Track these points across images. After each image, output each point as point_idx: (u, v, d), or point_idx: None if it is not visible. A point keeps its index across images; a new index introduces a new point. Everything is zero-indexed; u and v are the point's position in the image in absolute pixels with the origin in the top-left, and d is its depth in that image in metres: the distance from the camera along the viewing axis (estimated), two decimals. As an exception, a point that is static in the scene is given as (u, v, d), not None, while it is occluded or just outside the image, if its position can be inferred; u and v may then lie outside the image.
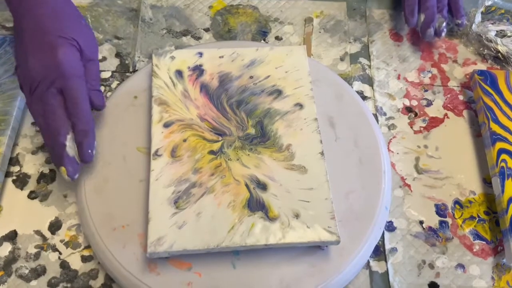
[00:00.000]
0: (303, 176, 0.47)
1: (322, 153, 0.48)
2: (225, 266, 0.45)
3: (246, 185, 0.47)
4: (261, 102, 0.52)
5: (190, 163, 0.48)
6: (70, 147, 0.47)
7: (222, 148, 0.49)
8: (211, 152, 0.49)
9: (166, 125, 0.50)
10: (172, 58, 0.54)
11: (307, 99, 0.52)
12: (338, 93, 0.55)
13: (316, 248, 0.46)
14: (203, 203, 0.46)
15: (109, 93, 0.57)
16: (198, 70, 0.54)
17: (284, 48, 0.56)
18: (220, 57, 0.55)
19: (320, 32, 0.64)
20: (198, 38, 0.63)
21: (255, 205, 0.46)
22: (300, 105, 0.52)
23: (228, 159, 0.48)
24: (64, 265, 0.48)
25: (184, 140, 0.49)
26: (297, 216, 0.45)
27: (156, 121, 0.50)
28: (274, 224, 0.45)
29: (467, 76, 0.61)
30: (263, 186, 0.47)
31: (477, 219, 0.51)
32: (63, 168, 0.46)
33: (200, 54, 0.55)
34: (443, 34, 0.61)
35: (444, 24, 0.60)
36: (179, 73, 0.53)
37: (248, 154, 0.49)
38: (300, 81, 0.53)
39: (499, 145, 0.52)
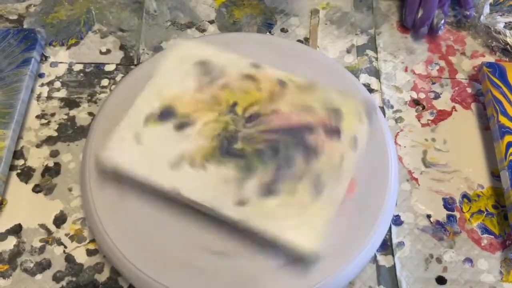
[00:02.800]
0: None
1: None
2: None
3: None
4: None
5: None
6: None
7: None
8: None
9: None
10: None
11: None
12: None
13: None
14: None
15: (113, 86, 0.57)
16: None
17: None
18: None
19: (326, 24, 0.63)
20: (203, 31, 0.62)
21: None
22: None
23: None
24: (69, 259, 0.47)
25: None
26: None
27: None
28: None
29: (475, 69, 0.60)
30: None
31: (485, 213, 0.51)
32: None
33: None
34: (441, 31, 0.61)
35: (443, 21, 0.60)
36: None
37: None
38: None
39: (508, 138, 0.51)
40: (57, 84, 0.58)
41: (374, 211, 0.47)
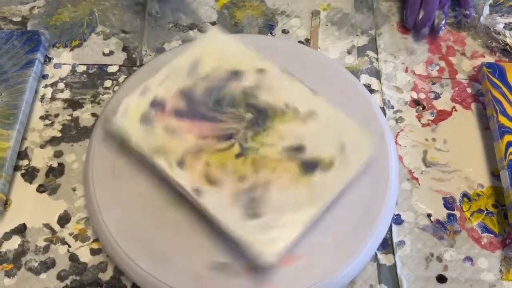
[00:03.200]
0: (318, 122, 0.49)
1: (313, 92, 0.50)
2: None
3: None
4: (233, 89, 0.51)
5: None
6: None
7: (242, 147, 0.48)
8: (238, 155, 0.47)
9: (180, 164, 0.47)
10: (124, 113, 0.49)
11: (264, 62, 0.52)
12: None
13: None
14: None
15: (116, 87, 0.58)
16: (156, 104, 0.49)
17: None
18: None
19: (327, 25, 0.64)
20: (205, 32, 0.62)
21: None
22: (261, 70, 0.52)
23: (256, 151, 0.47)
24: (73, 258, 0.48)
25: (208, 164, 0.47)
26: None
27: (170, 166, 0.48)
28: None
29: (475, 69, 0.60)
30: (299, 148, 0.47)
31: (485, 212, 0.51)
32: None
33: (145, 91, 0.50)
34: (441, 32, 0.61)
35: (443, 21, 0.60)
36: (144, 120, 0.49)
37: (266, 135, 0.48)
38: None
39: (508, 137, 0.52)
40: (61, 85, 0.58)
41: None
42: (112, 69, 0.59)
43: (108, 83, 0.58)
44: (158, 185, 0.48)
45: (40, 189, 0.51)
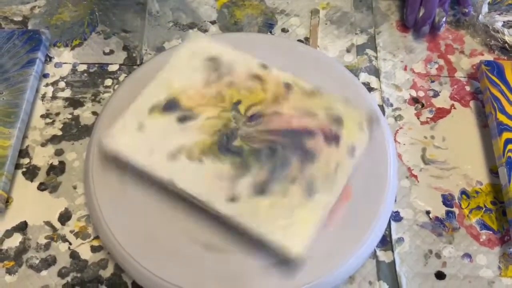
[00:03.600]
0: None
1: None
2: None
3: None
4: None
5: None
6: None
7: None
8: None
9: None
10: None
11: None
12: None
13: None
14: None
15: (116, 86, 0.58)
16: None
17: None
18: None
19: (326, 24, 0.64)
20: (205, 31, 0.63)
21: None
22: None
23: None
24: (74, 255, 0.48)
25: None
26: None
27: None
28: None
29: (474, 67, 0.60)
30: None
31: (483, 209, 0.51)
32: None
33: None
34: (442, 29, 0.61)
35: (444, 19, 0.61)
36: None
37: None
38: None
39: (506, 135, 0.52)
40: (62, 84, 0.58)
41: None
42: (113, 68, 0.60)
43: (108, 82, 0.59)
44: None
45: (41, 187, 0.52)
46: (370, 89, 0.58)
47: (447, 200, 0.52)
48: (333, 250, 0.46)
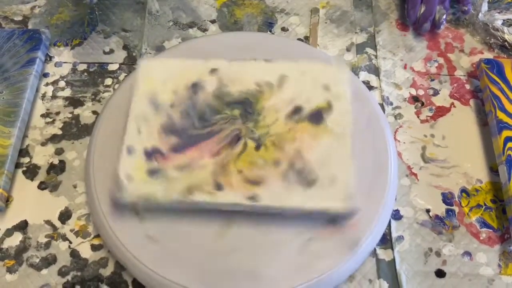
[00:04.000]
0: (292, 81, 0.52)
1: (266, 60, 0.53)
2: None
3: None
4: (204, 99, 0.51)
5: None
6: None
7: (254, 139, 0.49)
8: (257, 148, 0.48)
9: (217, 186, 0.47)
10: (129, 179, 0.47)
11: (211, 62, 0.53)
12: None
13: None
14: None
15: (116, 85, 0.58)
16: (151, 153, 0.48)
17: None
18: None
19: (326, 22, 0.64)
20: (205, 30, 0.63)
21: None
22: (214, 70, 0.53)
23: (267, 135, 0.49)
24: (74, 254, 0.48)
25: (240, 171, 0.47)
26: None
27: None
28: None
29: (474, 65, 0.60)
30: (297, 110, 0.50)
31: (483, 207, 0.51)
32: None
33: (130, 150, 0.49)
34: (442, 26, 0.61)
35: (444, 16, 0.60)
36: (151, 174, 0.48)
37: (264, 116, 0.50)
38: None
39: (506, 133, 0.52)
40: (62, 83, 0.59)
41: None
42: (113, 67, 0.60)
43: (108, 81, 0.59)
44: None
45: (41, 186, 0.52)
46: (370, 87, 0.58)
47: (447, 199, 0.52)
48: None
